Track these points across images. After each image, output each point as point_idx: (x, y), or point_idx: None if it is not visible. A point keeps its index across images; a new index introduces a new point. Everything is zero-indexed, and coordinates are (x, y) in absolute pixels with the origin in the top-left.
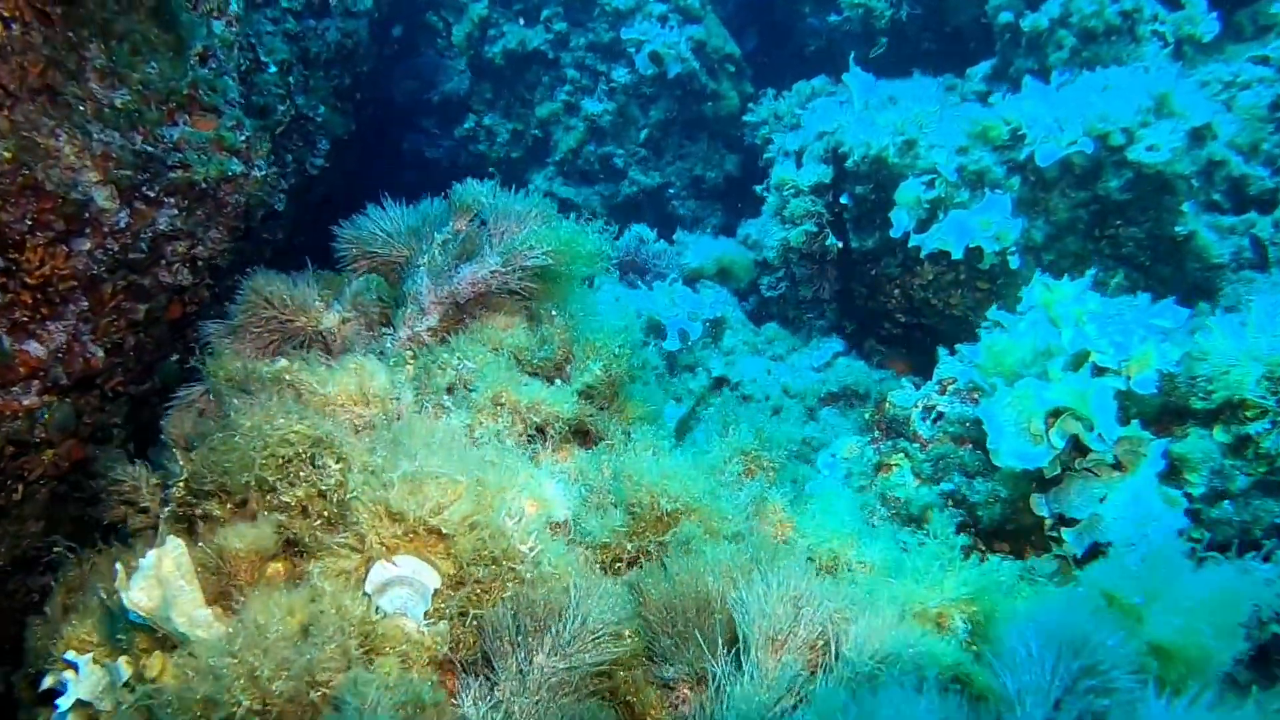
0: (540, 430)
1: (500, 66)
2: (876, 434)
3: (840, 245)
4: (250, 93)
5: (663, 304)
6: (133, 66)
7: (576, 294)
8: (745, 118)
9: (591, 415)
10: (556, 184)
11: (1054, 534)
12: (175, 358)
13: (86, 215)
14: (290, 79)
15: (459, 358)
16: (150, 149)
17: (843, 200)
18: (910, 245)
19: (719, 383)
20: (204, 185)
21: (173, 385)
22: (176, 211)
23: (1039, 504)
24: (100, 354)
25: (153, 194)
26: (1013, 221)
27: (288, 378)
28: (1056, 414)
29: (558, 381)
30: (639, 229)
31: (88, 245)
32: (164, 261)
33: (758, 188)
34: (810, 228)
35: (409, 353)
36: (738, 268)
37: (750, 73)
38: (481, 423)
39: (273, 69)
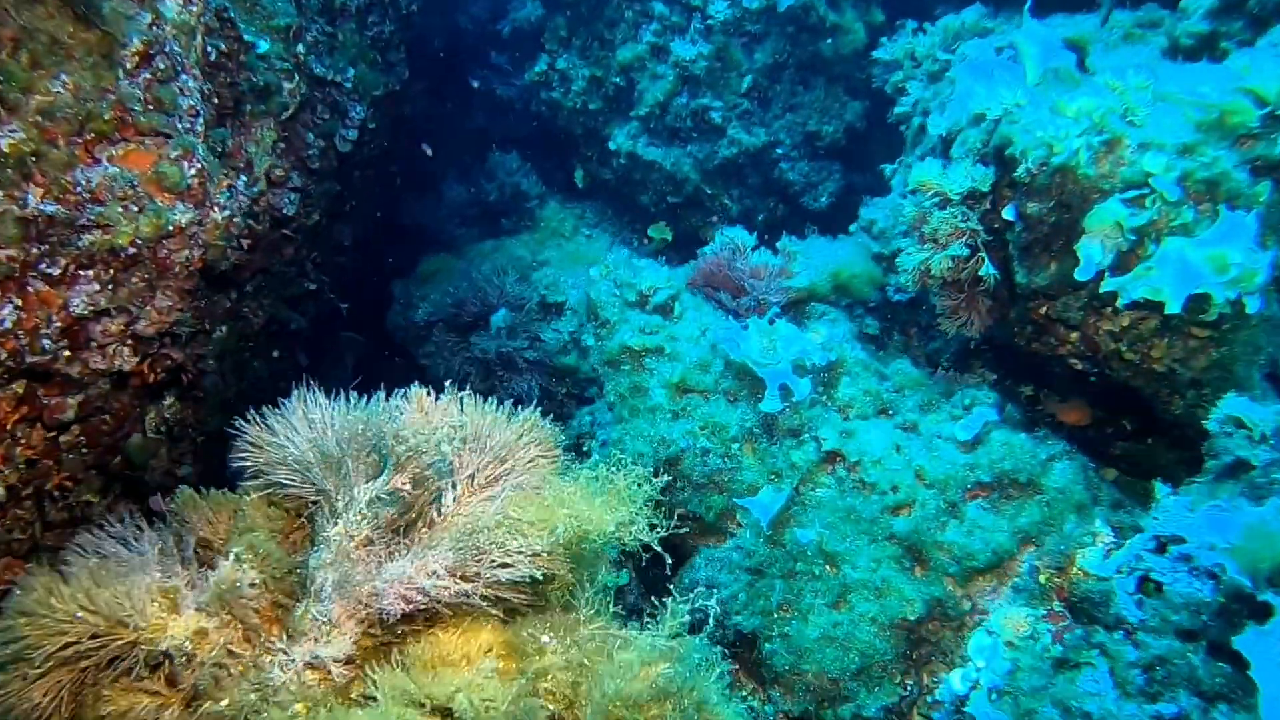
0: None
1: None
2: (1056, 606)
3: (998, 275)
4: (236, 76)
5: (758, 348)
6: (31, 87)
7: (589, 597)
8: (875, 53)
9: None
10: (641, 143)
11: None
12: (168, 405)
13: None
14: (299, 47)
15: None
16: (49, 209)
17: (1007, 215)
18: (1103, 290)
19: (831, 458)
20: (132, 249)
21: (140, 463)
22: (97, 287)
23: None
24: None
25: (56, 271)
26: (1259, 256)
27: None
28: None
29: None
30: (734, 234)
31: None
32: (94, 344)
33: (886, 167)
34: (960, 251)
35: (301, 704)
36: (858, 282)
37: None
38: None
39: (264, 45)
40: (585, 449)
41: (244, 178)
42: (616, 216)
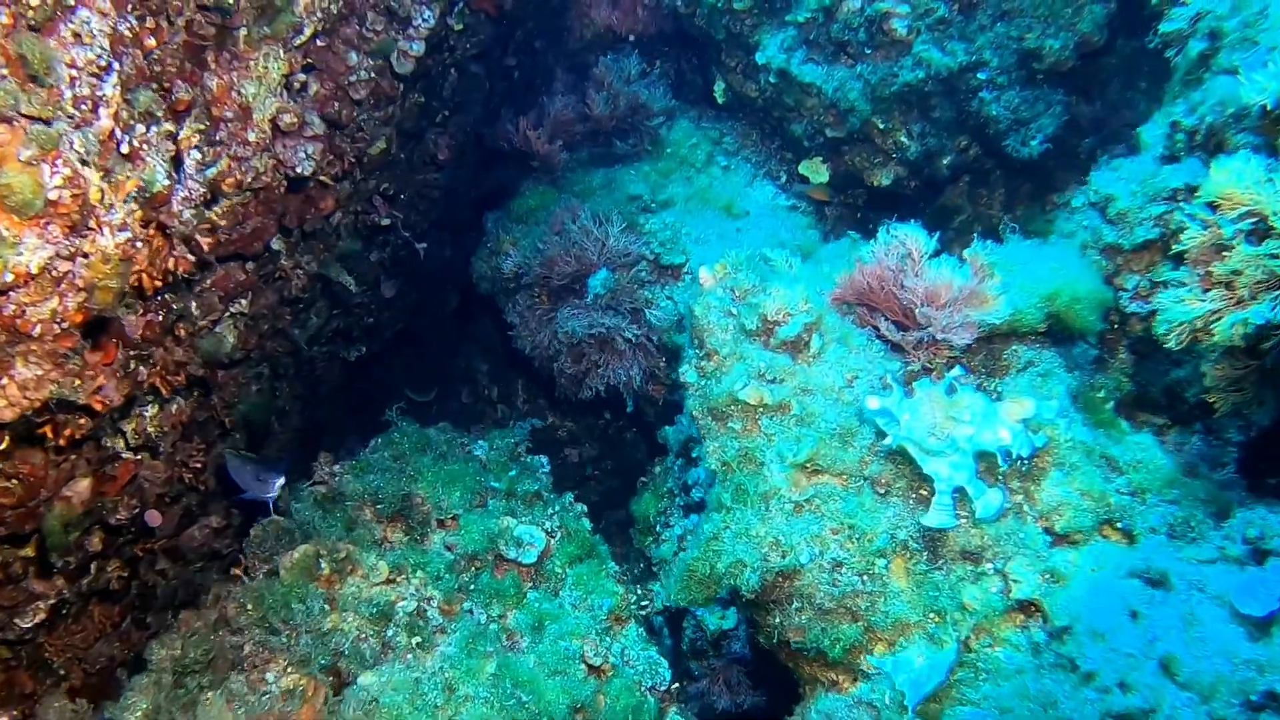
0: None
1: None
2: None
3: None
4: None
5: (926, 428)
6: None
7: None
8: None
9: None
10: (796, 58)
11: None
12: (151, 416)
13: None
14: None
15: None
16: None
17: None
18: None
19: (1025, 608)
20: None
21: (57, 545)
22: None
23: None
24: None
25: None
26: None
27: None
28: None
29: None
30: (906, 232)
31: None
32: None
33: (1146, 131)
34: (1269, 314)
35: None
36: (1081, 309)
37: None
38: None
39: None
40: (694, 455)
41: (196, 153)
42: (762, 142)
